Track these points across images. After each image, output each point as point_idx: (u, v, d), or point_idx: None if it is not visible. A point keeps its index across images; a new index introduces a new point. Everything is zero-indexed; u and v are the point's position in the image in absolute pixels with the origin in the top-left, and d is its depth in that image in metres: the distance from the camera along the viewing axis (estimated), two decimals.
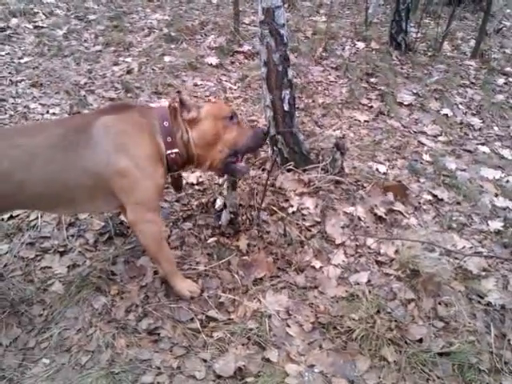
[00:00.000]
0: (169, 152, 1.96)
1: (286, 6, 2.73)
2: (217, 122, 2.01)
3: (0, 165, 1.76)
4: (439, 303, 2.26)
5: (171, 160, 1.98)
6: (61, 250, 2.48)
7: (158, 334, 2.05)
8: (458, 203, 3.06)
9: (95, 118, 1.92)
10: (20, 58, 4.67)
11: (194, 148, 2.01)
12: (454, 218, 2.89)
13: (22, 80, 4.27)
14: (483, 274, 2.46)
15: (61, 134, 1.86)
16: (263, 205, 2.69)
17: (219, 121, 2.02)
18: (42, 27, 5.36)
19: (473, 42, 5.76)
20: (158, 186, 1.97)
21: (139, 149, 1.90)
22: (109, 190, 1.92)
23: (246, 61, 4.96)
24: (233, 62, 4.92)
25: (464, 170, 3.46)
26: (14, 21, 5.31)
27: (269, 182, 2.88)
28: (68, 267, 2.38)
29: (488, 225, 2.88)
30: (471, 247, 2.67)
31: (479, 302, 2.31)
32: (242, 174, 2.17)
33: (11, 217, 2.62)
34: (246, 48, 5.11)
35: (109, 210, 2.29)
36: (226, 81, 4.49)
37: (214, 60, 4.79)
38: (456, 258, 2.51)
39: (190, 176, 2.97)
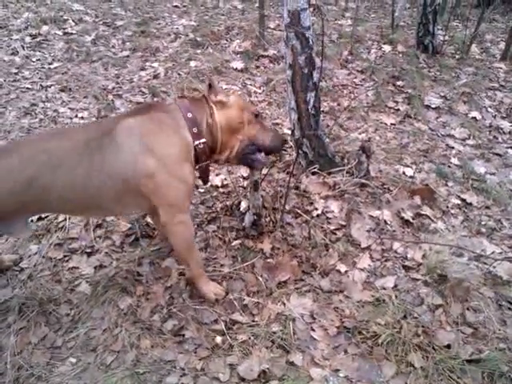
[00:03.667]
0: (197, 143, 1.93)
1: (311, 9, 2.73)
2: (243, 112, 2.02)
3: (26, 170, 1.76)
4: (468, 309, 2.20)
5: (200, 151, 1.95)
6: (88, 250, 2.52)
7: (183, 336, 2.06)
8: (487, 207, 2.99)
9: (117, 121, 1.90)
10: (50, 64, 4.79)
11: (219, 132, 1.98)
12: (483, 223, 2.83)
13: (52, 85, 4.38)
14: None
15: (85, 139, 1.84)
16: (287, 207, 2.68)
17: (245, 112, 2.03)
18: (72, 34, 5.47)
19: (502, 45, 5.64)
20: (188, 186, 1.94)
21: (165, 147, 1.87)
22: (138, 192, 1.89)
23: (270, 65, 4.97)
24: (258, 66, 4.93)
25: (493, 174, 3.38)
26: (45, 28, 5.43)
27: (293, 185, 2.87)
28: (95, 268, 2.42)
29: None
30: (501, 252, 2.60)
31: (509, 308, 2.24)
32: (260, 166, 2.15)
33: (40, 218, 2.68)
34: (271, 52, 5.12)
35: (138, 212, 2.30)
36: (250, 85, 4.50)
37: (239, 64, 4.81)
38: (485, 263, 2.45)
39: (215, 179, 2.98)
